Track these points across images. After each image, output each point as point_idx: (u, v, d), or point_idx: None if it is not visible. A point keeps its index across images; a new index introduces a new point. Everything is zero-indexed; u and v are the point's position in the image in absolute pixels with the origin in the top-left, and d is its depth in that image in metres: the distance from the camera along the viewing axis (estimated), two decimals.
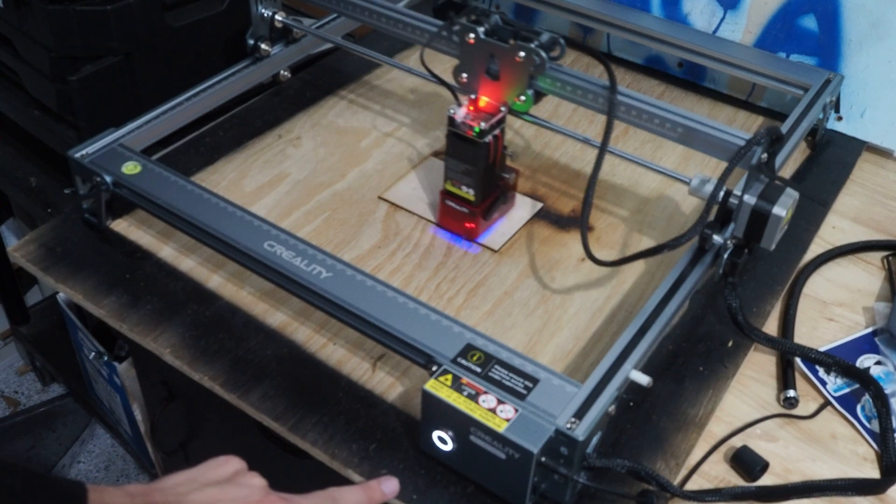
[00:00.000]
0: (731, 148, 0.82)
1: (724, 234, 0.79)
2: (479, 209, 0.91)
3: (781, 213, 0.76)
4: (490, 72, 0.88)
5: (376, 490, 0.67)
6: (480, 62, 0.88)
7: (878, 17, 1.00)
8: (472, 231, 0.92)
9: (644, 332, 0.73)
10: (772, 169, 0.80)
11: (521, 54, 0.85)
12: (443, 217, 0.94)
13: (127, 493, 0.58)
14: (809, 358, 0.79)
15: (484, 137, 0.85)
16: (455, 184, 0.90)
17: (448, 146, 0.88)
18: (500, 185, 0.92)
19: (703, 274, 0.79)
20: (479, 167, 0.87)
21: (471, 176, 0.88)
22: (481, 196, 0.90)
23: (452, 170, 0.89)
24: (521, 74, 0.86)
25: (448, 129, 0.87)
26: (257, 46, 1.07)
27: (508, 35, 0.86)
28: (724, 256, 0.80)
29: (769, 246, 0.79)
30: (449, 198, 0.91)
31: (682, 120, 0.85)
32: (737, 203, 0.78)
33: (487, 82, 0.88)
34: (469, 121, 0.85)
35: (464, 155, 0.87)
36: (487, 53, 0.87)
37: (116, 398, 1.41)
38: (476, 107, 0.88)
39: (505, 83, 0.88)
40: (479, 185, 0.88)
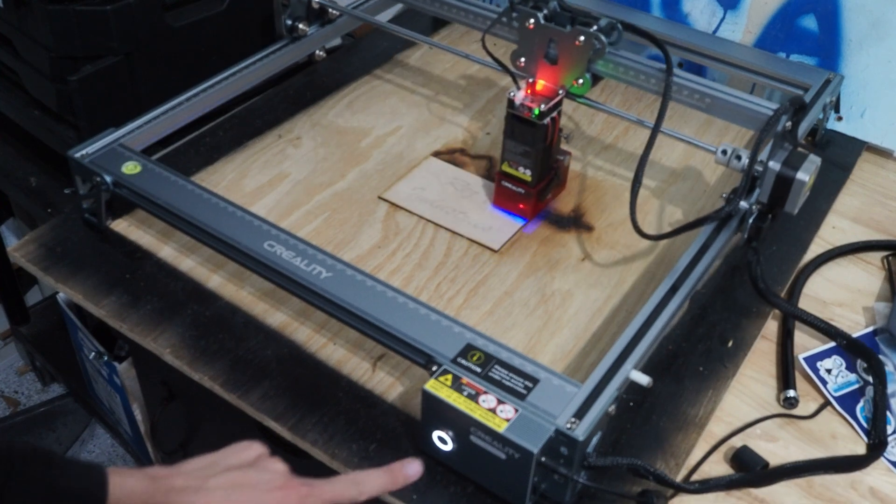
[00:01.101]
0: (757, 117, 0.89)
1: (749, 199, 0.82)
2: (535, 190, 0.93)
3: (805, 178, 0.80)
4: (549, 56, 0.91)
5: (399, 473, 0.67)
6: (539, 46, 0.91)
7: (878, 17, 1.00)
8: (526, 211, 0.95)
9: (644, 332, 0.73)
10: (795, 137, 0.84)
11: (582, 39, 0.89)
12: (498, 197, 0.96)
13: (148, 475, 0.58)
14: (819, 328, 0.81)
15: (543, 119, 0.88)
16: (512, 165, 0.92)
17: (507, 128, 0.90)
18: (554, 167, 0.95)
19: (702, 274, 0.80)
20: (537, 149, 0.89)
21: (528, 157, 0.90)
22: (537, 177, 0.92)
23: (510, 151, 0.91)
24: (580, 58, 0.90)
25: (507, 111, 0.89)
26: (295, 27, 1.10)
27: (566, 20, 0.90)
28: (749, 221, 0.83)
29: (793, 210, 0.82)
30: (505, 178, 0.94)
31: (710, 91, 0.91)
32: (762, 170, 0.81)
33: (545, 66, 0.91)
34: (528, 103, 0.88)
35: (522, 136, 0.89)
36: (546, 38, 0.90)
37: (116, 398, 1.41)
38: (534, 90, 0.91)
39: (563, 67, 0.91)
40: (536, 167, 0.91)
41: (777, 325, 0.87)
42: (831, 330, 0.81)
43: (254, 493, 0.60)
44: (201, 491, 0.59)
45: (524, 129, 0.89)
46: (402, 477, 0.67)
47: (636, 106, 1.15)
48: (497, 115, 1.11)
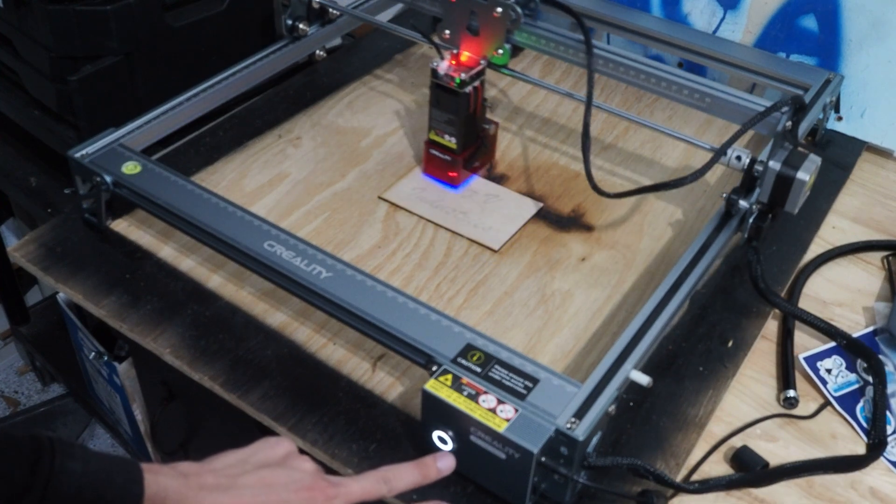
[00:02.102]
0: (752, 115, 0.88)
1: (749, 199, 0.83)
2: (461, 157, 0.97)
3: (805, 178, 0.80)
4: (471, 28, 0.96)
5: (431, 467, 0.66)
6: (461, 19, 0.96)
7: (878, 17, 1.00)
8: (454, 178, 0.98)
9: (644, 332, 0.73)
10: (795, 137, 0.84)
11: (498, 10, 0.94)
12: (427, 165, 1.00)
13: (179, 472, 0.58)
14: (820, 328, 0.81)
15: (464, 88, 0.91)
16: (438, 133, 0.96)
17: (431, 97, 0.94)
18: (480, 136, 0.98)
19: (702, 274, 0.80)
20: (460, 116, 0.93)
21: (453, 125, 0.94)
22: (462, 145, 0.96)
23: (436, 119, 0.95)
24: (498, 29, 0.95)
25: (432, 80, 0.93)
26: (295, 27, 1.11)
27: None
28: (749, 221, 0.84)
29: (793, 210, 0.83)
30: (433, 147, 0.98)
31: (709, 90, 0.92)
32: (762, 169, 0.82)
33: (468, 38, 0.97)
34: (451, 72, 0.91)
35: (446, 105, 0.93)
36: (468, 11, 0.96)
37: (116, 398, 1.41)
38: (458, 61, 0.95)
39: (484, 38, 0.96)
40: (461, 135, 0.95)
41: (777, 324, 0.87)
42: (831, 330, 0.81)
43: (282, 492, 0.60)
44: (231, 489, 0.59)
45: (447, 97, 0.93)
46: (435, 471, 0.66)
47: (636, 106, 1.15)
48: (497, 116, 1.11)
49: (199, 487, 0.58)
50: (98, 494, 0.54)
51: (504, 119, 1.10)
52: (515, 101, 1.13)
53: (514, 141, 1.07)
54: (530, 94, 1.15)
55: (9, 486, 0.51)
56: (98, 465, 0.55)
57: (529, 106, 1.12)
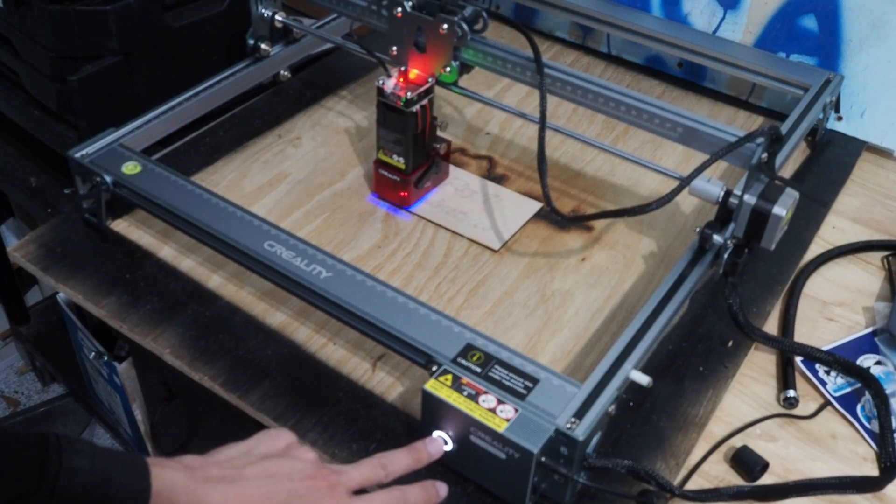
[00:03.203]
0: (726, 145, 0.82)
1: (724, 233, 0.79)
2: (411, 178, 0.94)
3: (781, 213, 0.76)
4: (417, 44, 0.92)
5: (423, 451, 0.68)
6: (408, 35, 0.93)
7: (878, 17, 1.00)
8: (405, 199, 0.95)
9: (644, 332, 0.73)
10: (772, 169, 0.81)
11: (444, 27, 0.90)
12: (377, 186, 0.97)
13: (185, 465, 0.59)
14: (810, 356, 0.79)
15: (411, 107, 0.88)
16: (387, 153, 0.93)
17: (378, 116, 0.91)
18: (431, 155, 0.95)
19: (703, 274, 0.79)
20: (408, 136, 0.90)
21: (401, 145, 0.91)
22: (412, 165, 0.93)
23: (384, 139, 0.92)
24: (445, 46, 0.91)
25: (378, 99, 0.90)
26: (257, 46, 1.07)
27: (435, 9, 0.91)
28: (725, 256, 0.80)
29: (769, 246, 0.79)
30: (382, 167, 0.95)
31: (682, 120, 0.86)
32: (737, 203, 0.78)
33: (416, 55, 0.93)
34: (397, 91, 0.89)
35: (393, 124, 0.90)
36: (415, 27, 0.92)
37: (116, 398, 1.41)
38: (406, 78, 0.92)
39: (432, 55, 0.92)
40: (410, 154, 0.92)
41: (777, 324, 0.87)
42: (825, 357, 0.78)
43: (287, 482, 0.61)
44: (237, 481, 0.60)
45: (394, 116, 0.90)
46: (426, 455, 0.68)
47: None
48: (497, 116, 1.11)
49: (204, 479, 0.59)
50: (106, 490, 0.54)
51: (504, 119, 1.10)
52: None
53: (514, 141, 1.07)
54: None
55: (17, 485, 0.52)
56: (105, 460, 0.55)
57: (529, 107, 1.12)
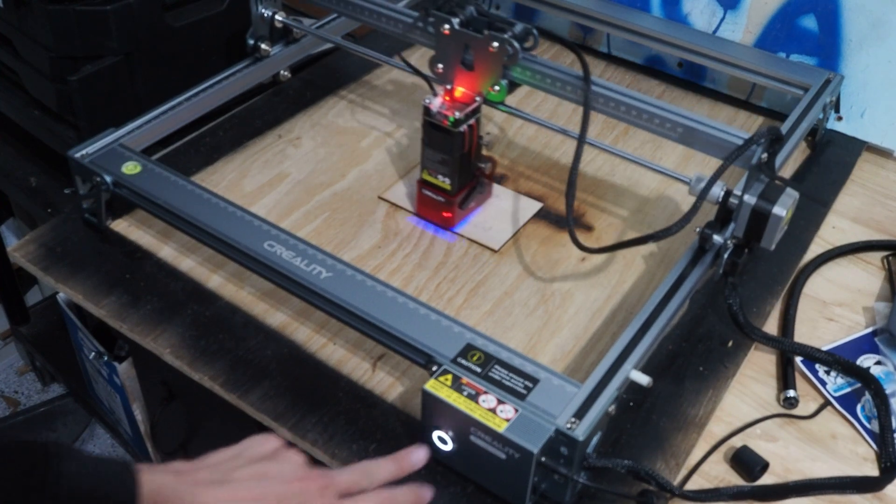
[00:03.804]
0: (731, 148, 0.82)
1: (724, 233, 0.79)
2: (456, 198, 0.92)
3: (781, 213, 0.76)
4: (465, 62, 0.89)
5: (406, 461, 0.68)
6: (455, 53, 0.90)
7: (878, 17, 1.00)
8: (449, 220, 0.93)
9: (644, 332, 0.73)
10: (772, 169, 0.81)
11: (495, 45, 0.87)
12: (420, 206, 0.95)
13: (174, 470, 0.60)
14: (810, 356, 0.79)
15: (459, 127, 0.86)
16: (431, 173, 0.91)
17: (424, 136, 0.89)
18: (476, 175, 0.93)
19: (703, 274, 0.79)
20: (454, 156, 0.88)
21: (447, 165, 0.89)
22: (457, 185, 0.91)
23: (429, 159, 0.90)
24: (494, 65, 0.88)
25: (424, 118, 0.88)
26: (257, 46, 1.07)
27: (483, 26, 0.88)
28: (725, 256, 0.80)
29: (769, 246, 0.79)
30: (426, 187, 0.92)
31: (682, 120, 0.86)
32: (737, 203, 0.78)
33: (462, 72, 0.90)
34: (444, 110, 0.86)
35: (439, 144, 0.88)
36: (462, 44, 0.89)
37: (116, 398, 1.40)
38: (452, 97, 0.90)
39: (479, 73, 0.89)
40: (455, 175, 0.90)
41: (777, 324, 0.87)
42: (825, 357, 0.78)
43: (276, 484, 0.61)
44: (226, 483, 0.60)
45: (441, 136, 0.87)
46: (409, 464, 0.68)
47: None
48: (497, 116, 1.11)
49: (194, 483, 0.59)
50: (95, 492, 0.54)
51: (503, 120, 1.10)
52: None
53: (514, 141, 1.07)
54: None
55: (7, 491, 0.52)
56: (93, 466, 0.55)
57: (529, 107, 1.12)
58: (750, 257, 0.83)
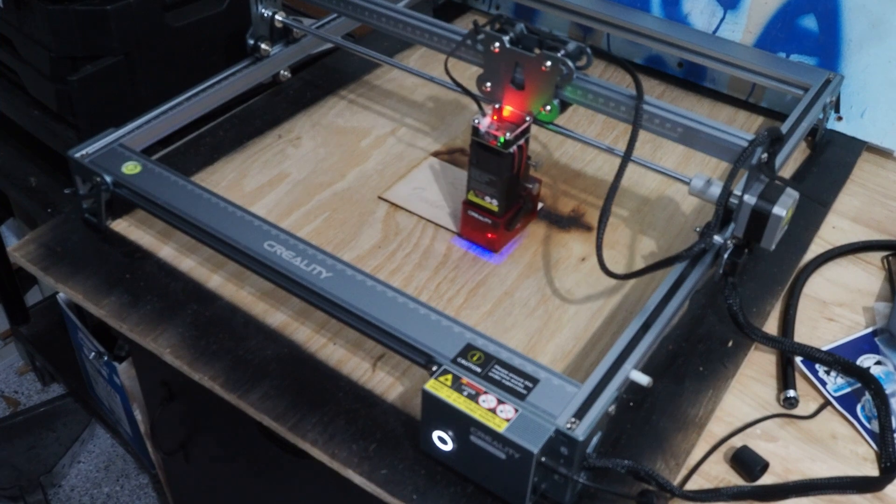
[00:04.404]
0: (731, 148, 0.82)
1: (724, 234, 0.79)
2: (503, 220, 0.89)
3: (781, 213, 0.76)
4: (515, 81, 0.86)
5: None
6: (505, 71, 0.87)
7: (878, 17, 1.00)
8: (495, 242, 0.90)
9: (644, 332, 0.73)
10: (772, 169, 0.81)
11: (548, 64, 0.84)
12: (465, 227, 0.92)
13: None
14: (810, 356, 0.79)
15: (509, 148, 0.84)
16: (478, 194, 0.88)
17: (472, 156, 0.86)
18: (523, 196, 0.91)
19: (703, 274, 0.79)
20: (503, 178, 0.86)
21: (495, 186, 0.86)
22: (505, 207, 0.88)
23: (476, 180, 0.87)
24: (547, 84, 0.86)
25: (472, 138, 0.85)
26: (257, 46, 1.07)
27: (534, 44, 0.85)
28: (725, 256, 0.80)
29: (769, 246, 0.79)
30: (472, 208, 0.90)
31: (682, 120, 0.85)
32: (737, 203, 0.78)
33: (512, 91, 0.87)
34: (493, 131, 0.83)
35: (488, 165, 0.86)
36: (513, 62, 0.86)
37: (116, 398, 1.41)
38: (500, 116, 0.86)
39: (530, 93, 0.87)
40: (503, 196, 0.87)
41: (777, 324, 0.87)
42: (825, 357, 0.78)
43: None
44: None
45: (489, 157, 0.85)
46: None
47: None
48: None
49: None
50: None
51: None
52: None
53: None
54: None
55: None
56: None
57: None
58: (750, 257, 0.83)
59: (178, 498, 1.30)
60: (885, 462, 0.74)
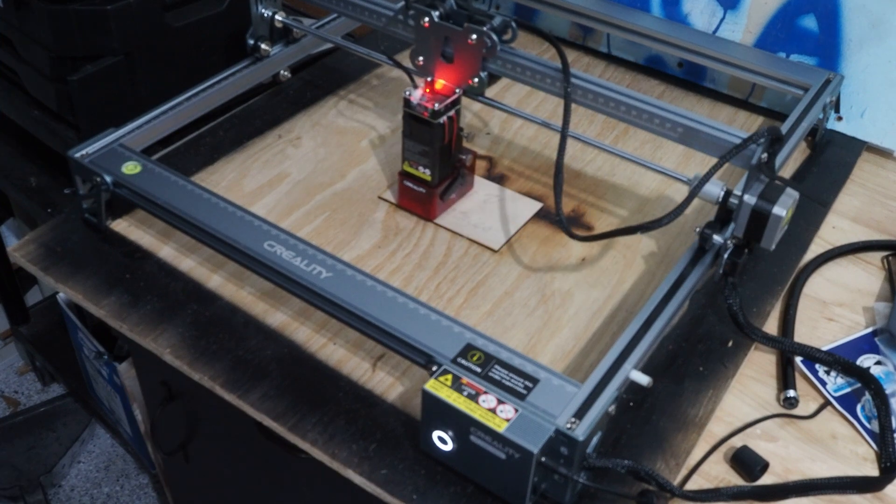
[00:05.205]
0: (731, 147, 0.82)
1: (724, 233, 0.79)
2: (437, 190, 0.93)
3: (781, 213, 0.77)
4: (445, 55, 0.91)
5: None
6: (435, 45, 0.91)
7: (878, 17, 1.00)
8: (430, 211, 0.94)
9: (644, 332, 0.73)
10: (772, 169, 0.81)
11: (473, 37, 0.88)
12: (402, 198, 0.96)
13: None
14: (810, 356, 0.79)
15: (438, 118, 0.87)
16: (412, 164, 0.92)
17: (405, 127, 0.90)
18: (457, 167, 0.94)
19: (703, 274, 0.79)
20: (434, 148, 0.89)
21: (427, 157, 0.90)
22: (438, 177, 0.92)
23: (410, 150, 0.91)
24: (473, 57, 0.89)
25: (404, 110, 0.89)
26: (257, 46, 1.07)
27: (463, 19, 0.89)
28: (725, 256, 0.80)
29: (769, 246, 0.79)
30: (407, 178, 0.93)
31: (682, 120, 0.86)
32: (737, 203, 0.78)
33: (443, 65, 0.91)
34: (424, 102, 0.87)
35: (420, 136, 0.89)
36: (442, 37, 0.90)
37: (116, 398, 1.41)
38: (432, 89, 0.91)
39: (459, 66, 0.91)
40: (436, 166, 0.91)
41: (777, 324, 0.87)
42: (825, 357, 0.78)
43: None
44: None
45: (421, 128, 0.89)
46: None
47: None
48: (497, 116, 1.11)
49: None
50: None
51: (503, 120, 1.10)
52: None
53: (514, 141, 1.07)
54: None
55: None
56: None
57: (529, 107, 1.12)
58: (750, 257, 0.83)
59: (178, 498, 1.30)
60: (885, 462, 0.74)
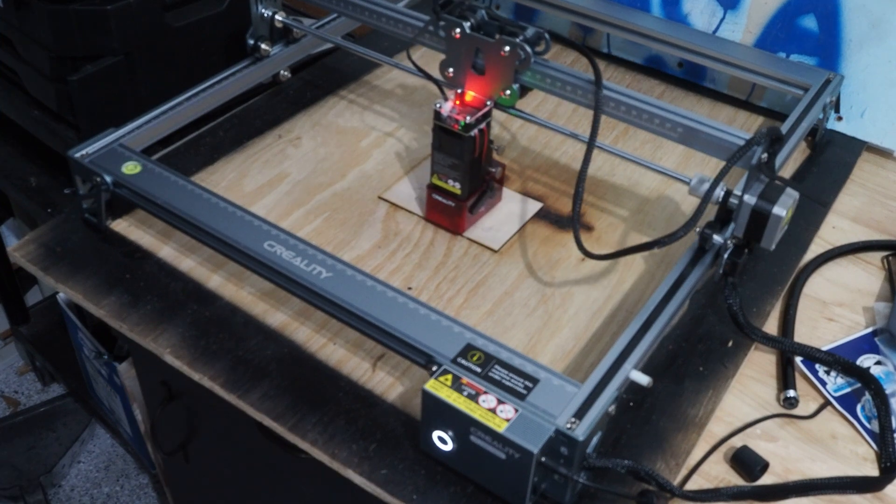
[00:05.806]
0: (731, 148, 0.82)
1: (724, 233, 0.79)
2: (466, 203, 0.91)
3: (781, 213, 0.76)
4: (476, 66, 0.89)
5: None
6: (466, 57, 0.89)
7: (878, 17, 1.00)
8: (459, 224, 0.93)
9: (644, 332, 0.73)
10: (772, 169, 0.81)
11: (506, 49, 0.86)
12: (430, 211, 0.94)
13: None
14: (810, 356, 0.79)
15: (470, 131, 0.86)
16: (442, 178, 0.91)
17: (434, 140, 0.89)
18: (486, 179, 0.93)
19: (703, 274, 0.79)
20: (465, 161, 0.88)
21: (457, 170, 0.89)
22: (468, 190, 0.91)
23: (439, 164, 0.90)
24: (506, 69, 0.88)
25: (434, 122, 0.88)
26: (257, 46, 1.07)
27: (494, 30, 0.88)
28: (725, 256, 0.80)
29: (769, 246, 0.79)
30: (436, 192, 0.92)
31: (682, 120, 0.86)
32: (737, 203, 0.78)
33: (473, 77, 0.90)
34: (455, 115, 0.86)
35: (450, 149, 0.88)
36: (473, 48, 0.88)
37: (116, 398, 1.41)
38: (462, 101, 0.89)
39: (490, 77, 0.89)
40: (466, 179, 0.89)
41: (777, 324, 0.87)
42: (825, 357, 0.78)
43: None
44: None
45: (451, 141, 0.87)
46: None
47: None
48: (497, 115, 1.11)
49: None
50: None
51: (504, 119, 1.10)
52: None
53: (514, 141, 1.07)
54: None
55: None
56: None
57: (529, 106, 1.12)
58: (750, 257, 0.83)
59: (178, 498, 1.30)
60: (885, 462, 0.74)
